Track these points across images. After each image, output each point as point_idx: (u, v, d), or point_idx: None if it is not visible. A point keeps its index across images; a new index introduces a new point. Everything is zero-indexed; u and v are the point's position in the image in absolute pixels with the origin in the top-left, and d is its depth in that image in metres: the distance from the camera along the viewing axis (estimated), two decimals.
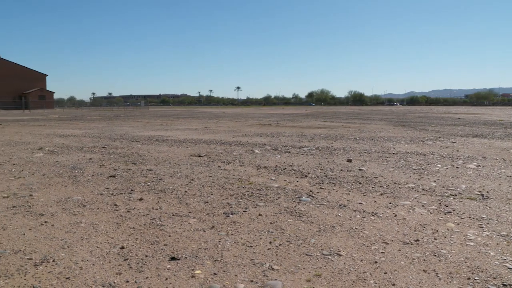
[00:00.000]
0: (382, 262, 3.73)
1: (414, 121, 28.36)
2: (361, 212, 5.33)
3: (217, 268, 3.62)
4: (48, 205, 5.79)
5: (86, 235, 4.53)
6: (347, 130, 19.57)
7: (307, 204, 5.72)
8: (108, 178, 7.63)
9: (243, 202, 5.82)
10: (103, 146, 13.14)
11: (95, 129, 22.02)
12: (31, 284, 3.36)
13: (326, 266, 3.66)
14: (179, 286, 3.32)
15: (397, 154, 10.74)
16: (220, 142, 14.23)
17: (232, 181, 7.32)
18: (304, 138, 15.43)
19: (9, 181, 7.51)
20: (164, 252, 4.00)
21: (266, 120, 30.04)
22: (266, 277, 3.45)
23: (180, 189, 6.66)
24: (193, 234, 4.52)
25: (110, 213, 5.35)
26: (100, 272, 3.58)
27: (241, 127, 22.76)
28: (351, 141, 14.44)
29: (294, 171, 8.23)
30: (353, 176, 7.76)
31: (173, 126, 24.23)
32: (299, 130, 19.65)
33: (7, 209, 5.59)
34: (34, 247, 4.18)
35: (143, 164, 9.22)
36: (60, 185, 7.10)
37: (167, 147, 12.76)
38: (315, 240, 4.33)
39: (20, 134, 18.44)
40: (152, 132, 19.28)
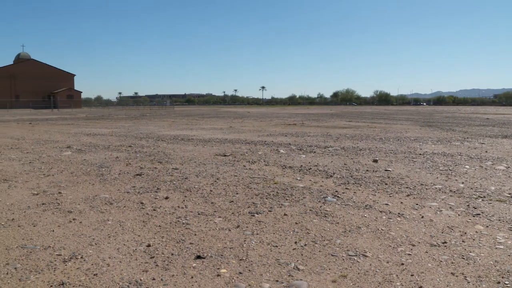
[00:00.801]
0: (408, 264, 3.69)
1: (441, 121, 27.93)
2: (387, 213, 5.28)
3: (242, 268, 3.63)
4: (76, 203, 5.89)
5: (113, 233, 4.60)
6: (373, 130, 19.40)
7: (333, 205, 5.70)
8: (135, 177, 7.73)
9: (268, 202, 5.83)
10: (130, 145, 13.32)
11: (121, 128, 22.33)
12: (60, 279, 3.43)
13: (352, 267, 3.64)
14: (205, 284, 3.34)
15: (423, 155, 10.60)
16: (245, 141, 14.26)
17: (257, 180, 7.33)
18: (329, 138, 15.35)
19: (39, 178, 7.67)
20: (190, 251, 4.04)
21: (291, 120, 29.99)
22: (291, 277, 3.44)
23: (205, 188, 6.71)
24: (219, 233, 4.54)
25: (136, 211, 5.42)
26: (127, 269, 3.63)
27: (266, 126, 22.77)
28: (377, 141, 14.30)
29: (319, 171, 8.20)
30: (379, 176, 7.69)
31: (198, 125, 24.39)
32: (324, 130, 19.56)
33: (37, 206, 5.72)
34: (63, 244, 4.27)
35: (169, 163, 9.31)
36: (87, 183, 7.22)
37: (192, 146, 12.85)
38: (341, 240, 4.30)
39: (49, 133, 18.83)
40: (178, 131, 19.45)
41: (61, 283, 3.35)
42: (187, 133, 18.30)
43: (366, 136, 16.13)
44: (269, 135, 16.78)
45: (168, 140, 14.93)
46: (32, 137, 16.79)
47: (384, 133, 17.90)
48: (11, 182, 7.32)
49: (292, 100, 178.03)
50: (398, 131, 18.81)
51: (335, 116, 38.80)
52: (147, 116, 41.86)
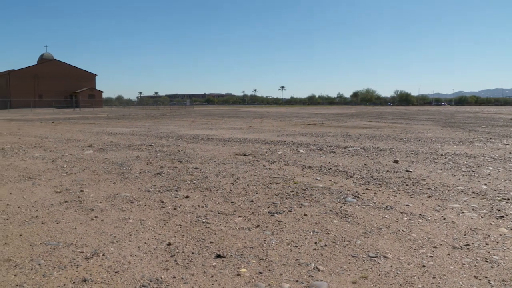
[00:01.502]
0: (430, 266, 3.65)
1: (463, 122, 27.53)
2: (408, 215, 5.23)
3: (262, 267, 3.64)
4: (97, 201, 5.97)
5: (134, 231, 4.64)
6: (393, 131, 19.22)
7: (353, 205, 5.66)
8: (155, 176, 7.79)
9: (288, 202, 5.82)
10: (150, 144, 13.43)
11: (142, 127, 22.53)
12: (82, 276, 3.48)
13: (373, 268, 3.62)
14: (225, 284, 3.35)
15: (445, 156, 10.46)
16: (264, 141, 14.27)
17: (277, 180, 7.33)
18: (349, 138, 15.27)
19: (61, 176, 7.79)
20: (210, 250, 4.06)
21: (311, 120, 29.91)
22: (312, 278, 3.44)
23: (225, 188, 6.73)
24: (239, 233, 4.55)
25: (157, 210, 5.47)
26: (148, 267, 3.66)
27: (286, 126, 22.74)
28: (398, 141, 14.17)
29: (339, 172, 8.16)
30: (400, 177, 7.62)
31: (218, 125, 24.47)
32: (344, 130, 19.45)
33: (60, 204, 5.81)
34: (85, 241, 4.33)
35: (189, 162, 9.36)
36: (109, 182, 7.31)
37: (212, 145, 12.90)
38: (361, 241, 4.28)
39: (71, 132, 19.10)
40: (197, 130, 19.55)
41: (83, 280, 3.40)
42: (206, 132, 18.38)
43: (386, 137, 16.00)
44: (289, 135, 16.76)
45: (188, 139, 15.02)
46: (55, 136, 17.05)
47: (405, 133, 17.73)
48: (34, 180, 7.45)
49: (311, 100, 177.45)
50: (419, 132, 18.60)
51: (355, 116, 38.56)
52: (167, 115, 42.17)
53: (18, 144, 13.79)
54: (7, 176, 7.89)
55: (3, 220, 5.05)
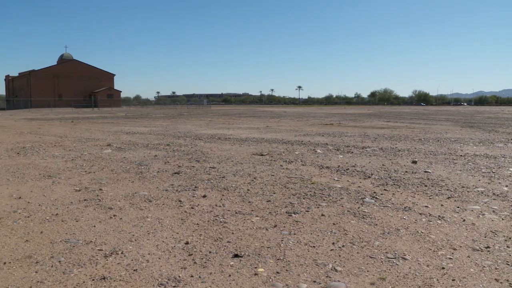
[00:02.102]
0: (449, 268, 3.61)
1: (483, 122, 27.15)
2: (427, 216, 5.18)
3: (279, 267, 3.64)
4: (116, 199, 6.03)
5: (152, 230, 4.68)
6: (412, 131, 19.04)
7: (371, 206, 5.63)
8: (173, 175, 7.84)
9: (306, 202, 5.81)
10: (168, 143, 13.52)
11: (159, 127, 22.69)
12: (101, 274, 3.51)
13: (391, 269, 3.59)
14: (242, 283, 3.36)
15: (465, 156, 10.33)
16: (281, 141, 14.25)
17: (294, 180, 7.31)
18: (367, 138, 15.17)
19: (80, 175, 7.88)
20: (228, 249, 4.07)
21: (328, 120, 29.79)
22: (329, 278, 3.42)
23: (242, 187, 6.74)
24: (256, 232, 4.56)
25: (175, 209, 5.50)
26: (166, 265, 3.69)
27: (303, 126, 22.69)
28: (416, 142, 14.04)
29: (357, 172, 8.11)
30: (418, 178, 7.54)
31: (235, 124, 24.52)
32: (362, 130, 19.34)
33: (79, 202, 5.88)
34: (104, 239, 4.37)
35: (206, 162, 9.40)
36: (127, 181, 7.37)
37: (229, 145, 12.93)
38: (379, 242, 4.25)
39: (90, 131, 19.32)
40: (215, 130, 19.61)
41: (102, 278, 3.44)
42: (224, 132, 18.43)
43: (404, 137, 15.86)
44: (306, 135, 16.72)
45: (205, 139, 15.08)
46: (74, 135, 17.27)
47: (423, 133, 17.55)
48: (54, 179, 7.55)
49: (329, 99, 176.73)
50: (437, 132, 18.40)
51: (372, 116, 38.30)
52: (184, 115, 42.38)
53: (38, 143, 14.00)
54: (28, 174, 8.01)
55: (24, 218, 5.13)
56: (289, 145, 13.01)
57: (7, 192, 6.51)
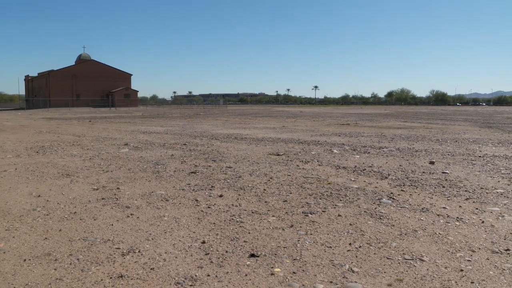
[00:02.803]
0: (468, 270, 3.57)
1: (502, 123, 26.76)
2: (445, 217, 5.12)
3: (296, 267, 3.63)
4: (133, 198, 6.08)
5: (169, 229, 4.71)
6: (429, 131, 18.85)
7: (388, 207, 5.59)
8: (189, 174, 7.87)
9: (322, 202, 5.79)
10: (184, 143, 13.58)
11: (176, 126, 22.80)
12: (119, 272, 3.55)
13: (408, 271, 3.56)
14: (259, 283, 3.36)
15: (483, 157, 10.20)
16: (298, 141, 14.23)
17: (310, 180, 7.29)
18: (383, 139, 15.06)
19: (98, 174, 7.96)
20: (244, 249, 4.07)
21: (344, 120, 29.65)
22: (346, 279, 3.41)
23: (259, 187, 6.74)
24: (272, 232, 4.56)
25: (191, 208, 5.52)
26: (183, 264, 3.71)
27: (319, 126, 22.62)
28: (434, 142, 13.90)
29: (374, 172, 8.06)
30: (436, 179, 7.47)
31: (251, 124, 24.53)
32: (378, 130, 19.20)
33: (97, 201, 5.94)
34: (121, 238, 4.41)
35: (223, 162, 9.42)
36: (144, 180, 7.43)
37: (245, 145, 12.95)
38: (396, 243, 4.22)
39: (107, 130, 19.50)
40: (231, 130, 19.65)
41: (120, 276, 3.47)
42: (240, 132, 18.45)
43: (422, 137, 15.71)
44: (322, 135, 16.66)
45: (221, 138, 15.12)
46: (91, 134, 17.44)
47: (441, 134, 17.37)
48: (73, 177, 7.64)
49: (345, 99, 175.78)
50: (455, 132, 18.19)
51: (389, 116, 38.00)
52: (201, 115, 42.54)
53: (57, 142, 14.17)
54: (47, 173, 8.12)
55: (43, 216, 5.20)
56: (306, 145, 12.98)
57: (27, 190, 6.61)
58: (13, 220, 5.03)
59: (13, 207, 5.62)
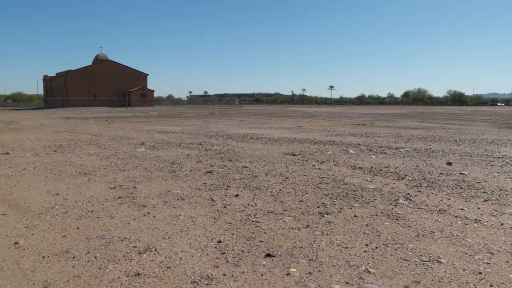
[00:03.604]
0: (487, 273, 3.52)
1: None
2: (462, 219, 5.07)
3: (312, 268, 3.62)
4: (150, 197, 6.12)
5: (185, 228, 4.73)
6: (446, 132, 18.65)
7: (405, 208, 5.54)
8: (205, 174, 7.90)
9: (338, 203, 5.77)
10: (200, 142, 13.63)
11: (192, 126, 22.89)
12: (136, 270, 3.58)
13: (426, 273, 3.53)
14: (275, 283, 3.36)
15: (502, 158, 10.06)
16: (313, 141, 14.19)
17: (326, 180, 7.27)
18: (400, 139, 14.94)
19: (115, 173, 8.03)
20: (260, 249, 4.08)
21: (360, 120, 29.47)
22: (362, 280, 3.39)
23: (274, 187, 6.74)
24: (288, 232, 4.55)
25: (207, 208, 5.54)
26: (199, 263, 3.72)
27: (335, 126, 22.52)
28: (451, 143, 13.75)
29: (390, 173, 8.00)
30: (454, 180, 7.39)
31: (267, 124, 24.53)
32: (395, 131, 19.06)
33: (114, 199, 5.99)
34: (138, 236, 4.45)
35: (238, 161, 9.44)
36: (160, 179, 7.47)
37: (261, 145, 12.95)
38: (413, 245, 4.18)
39: (124, 130, 19.65)
40: (246, 130, 19.67)
41: (136, 274, 3.49)
42: (255, 131, 18.46)
43: (439, 138, 15.55)
44: (338, 135, 16.59)
45: (237, 138, 15.14)
46: (108, 133, 17.60)
47: (459, 134, 17.17)
48: (90, 176, 7.71)
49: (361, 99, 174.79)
50: (473, 133, 17.97)
51: (406, 116, 37.68)
52: (216, 114, 42.65)
53: (74, 141, 14.33)
54: (65, 171, 8.21)
55: (61, 214, 5.26)
56: (321, 145, 12.94)
57: (45, 189, 6.70)
58: (32, 218, 5.11)
59: (32, 205, 5.70)
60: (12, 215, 5.24)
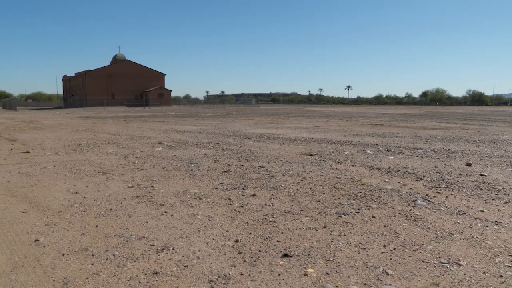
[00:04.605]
0: (508, 276, 3.46)
1: None
2: (482, 221, 5.00)
3: (329, 268, 3.61)
4: (167, 196, 6.15)
5: (202, 227, 4.75)
6: (466, 132, 18.42)
7: (423, 209, 5.49)
8: (222, 173, 7.92)
9: (356, 203, 5.73)
10: (217, 142, 13.67)
11: (209, 125, 22.98)
12: (153, 268, 3.60)
13: (445, 275, 3.49)
14: (292, 283, 3.35)
15: None
16: (331, 141, 14.13)
17: (344, 181, 7.23)
18: (418, 139, 14.80)
19: (133, 172, 8.10)
20: (277, 248, 4.07)
21: (378, 120, 29.27)
22: (380, 281, 3.37)
23: (292, 187, 6.73)
24: (305, 233, 4.54)
25: (224, 207, 5.56)
26: (216, 263, 3.73)
27: (352, 126, 22.40)
28: (470, 143, 13.57)
29: (408, 174, 7.93)
30: (473, 181, 7.29)
31: (284, 124, 24.51)
32: (413, 131, 18.88)
33: (132, 198, 6.04)
34: (155, 235, 4.48)
35: (255, 161, 9.44)
36: (178, 178, 7.51)
37: (278, 145, 12.94)
38: (432, 246, 4.14)
39: (141, 129, 19.81)
40: (263, 129, 19.67)
41: (154, 272, 3.52)
42: (272, 131, 18.46)
43: (458, 138, 15.36)
44: (355, 135, 16.50)
45: (254, 138, 15.15)
46: (126, 133, 17.76)
47: (478, 135, 16.94)
48: (108, 175, 7.79)
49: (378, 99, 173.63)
50: (493, 133, 17.71)
51: (424, 116, 37.31)
52: (233, 114, 42.74)
53: (93, 140, 14.49)
54: (84, 170, 8.31)
55: (80, 212, 5.33)
56: (338, 145, 12.88)
57: (65, 187, 6.78)
58: (52, 216, 5.18)
59: (52, 203, 5.78)
60: (32, 213, 5.32)
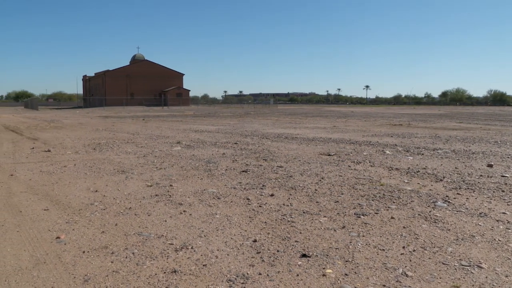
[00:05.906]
0: None
1: None
2: (504, 223, 4.92)
3: (348, 269, 3.59)
4: (186, 196, 6.19)
5: (221, 226, 4.76)
6: (487, 133, 18.14)
7: (443, 210, 5.43)
8: (241, 173, 7.93)
9: (375, 204, 5.69)
10: (235, 142, 13.70)
11: (227, 125, 23.04)
12: (172, 267, 3.62)
13: (465, 278, 3.44)
14: (310, 283, 3.35)
15: None
16: (349, 141, 14.05)
17: (362, 181, 7.19)
18: (438, 140, 14.63)
19: (152, 171, 8.16)
20: (295, 249, 4.07)
21: (397, 120, 29.01)
22: (399, 283, 3.34)
23: (310, 187, 6.71)
24: (324, 233, 4.52)
25: (243, 207, 5.56)
26: (234, 262, 3.74)
27: (370, 126, 22.25)
28: (492, 144, 13.36)
29: (428, 174, 7.85)
30: (495, 182, 7.18)
31: (302, 124, 24.44)
32: (432, 131, 18.67)
33: (151, 197, 6.09)
34: (174, 234, 4.51)
35: (274, 161, 9.44)
36: (196, 177, 7.55)
37: (296, 145, 12.91)
38: (452, 248, 4.09)
39: (160, 129, 19.95)
40: (281, 129, 19.65)
41: (173, 271, 3.54)
42: (290, 131, 18.42)
43: (479, 139, 15.14)
44: (374, 135, 16.38)
45: (272, 138, 15.15)
46: (145, 132, 17.90)
47: (500, 136, 16.67)
48: (127, 174, 7.86)
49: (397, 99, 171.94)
50: None
51: (444, 116, 36.87)
52: (251, 114, 42.78)
53: (112, 139, 14.64)
54: (103, 169, 8.40)
55: (100, 210, 5.39)
56: (357, 145, 12.80)
57: (85, 186, 6.87)
58: (72, 214, 5.25)
59: (72, 201, 5.86)
60: (54, 211, 5.40)
